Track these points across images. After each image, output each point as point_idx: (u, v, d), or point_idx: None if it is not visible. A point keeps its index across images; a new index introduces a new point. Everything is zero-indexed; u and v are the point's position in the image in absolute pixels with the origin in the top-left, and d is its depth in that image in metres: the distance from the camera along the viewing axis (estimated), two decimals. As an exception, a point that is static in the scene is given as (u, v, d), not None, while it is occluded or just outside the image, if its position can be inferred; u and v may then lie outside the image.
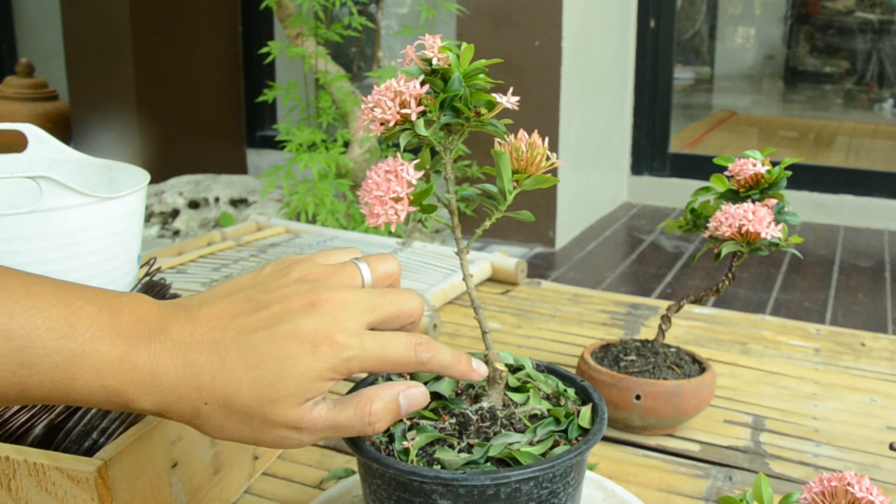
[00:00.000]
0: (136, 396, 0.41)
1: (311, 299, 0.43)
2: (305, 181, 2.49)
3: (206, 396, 0.42)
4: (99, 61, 3.37)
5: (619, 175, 3.52)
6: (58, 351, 0.40)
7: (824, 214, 3.27)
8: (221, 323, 0.43)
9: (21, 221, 0.56)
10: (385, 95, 0.47)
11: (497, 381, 0.51)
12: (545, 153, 0.51)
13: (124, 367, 0.41)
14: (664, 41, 3.45)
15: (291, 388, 0.42)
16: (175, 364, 0.42)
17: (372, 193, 0.47)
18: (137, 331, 0.42)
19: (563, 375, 0.55)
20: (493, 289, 1.16)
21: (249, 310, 0.44)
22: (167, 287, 0.70)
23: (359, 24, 2.58)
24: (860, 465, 0.73)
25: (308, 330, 0.42)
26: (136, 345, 0.41)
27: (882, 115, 4.30)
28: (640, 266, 2.73)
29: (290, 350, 0.42)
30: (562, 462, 0.45)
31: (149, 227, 3.04)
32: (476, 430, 0.48)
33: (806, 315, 2.28)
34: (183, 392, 0.42)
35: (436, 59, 0.48)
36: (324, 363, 0.42)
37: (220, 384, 0.42)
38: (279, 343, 0.42)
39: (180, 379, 0.42)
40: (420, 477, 0.43)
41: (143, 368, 0.41)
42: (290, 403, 0.42)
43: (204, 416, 0.42)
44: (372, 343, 0.43)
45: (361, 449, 0.46)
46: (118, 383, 0.41)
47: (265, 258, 1.18)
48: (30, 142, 0.73)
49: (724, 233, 0.69)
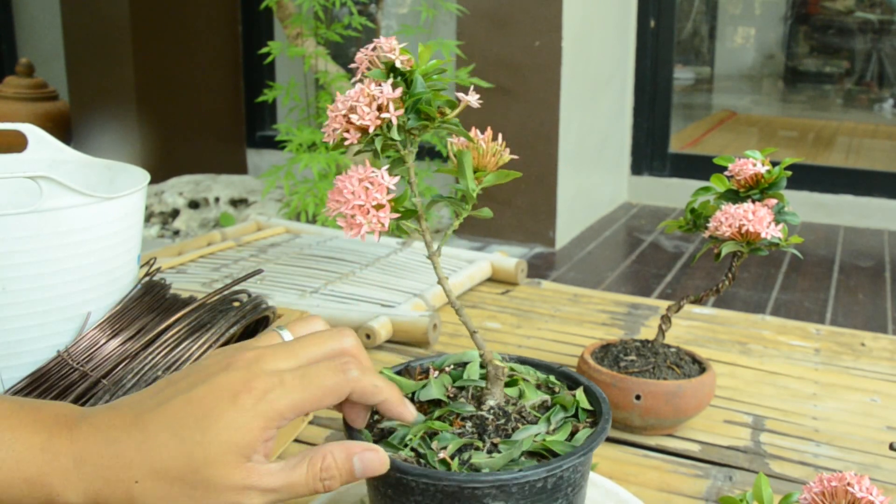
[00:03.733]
0: (60, 488, 0.40)
1: (227, 361, 0.43)
2: (305, 181, 2.49)
3: (135, 474, 0.40)
4: (99, 61, 3.37)
5: (619, 175, 3.52)
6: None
7: (824, 214, 3.27)
8: (141, 399, 0.42)
9: (21, 221, 0.56)
10: (360, 101, 0.46)
11: (498, 378, 0.51)
12: (501, 149, 0.51)
13: (46, 455, 0.40)
14: (664, 41, 3.45)
15: (222, 445, 0.40)
16: (98, 445, 0.40)
17: (350, 204, 0.46)
18: (59, 421, 0.41)
19: (537, 365, 0.56)
20: (493, 289, 1.16)
21: (167, 384, 0.43)
22: (167, 287, 0.70)
23: (359, 24, 2.58)
24: (860, 465, 0.73)
25: (224, 383, 0.41)
26: (57, 433, 0.41)
27: (882, 115, 4.30)
28: (640, 266, 2.73)
29: (208, 405, 0.40)
30: (595, 444, 0.47)
31: (149, 227, 3.04)
32: (495, 429, 0.49)
33: (806, 315, 2.28)
34: (110, 474, 0.40)
35: (398, 61, 0.47)
36: (248, 411, 0.40)
37: (146, 456, 0.40)
38: (196, 402, 0.41)
39: (105, 459, 0.40)
40: (477, 483, 0.43)
41: (66, 454, 0.40)
42: (228, 463, 0.40)
43: (139, 496, 0.40)
44: (292, 378, 0.42)
45: (402, 468, 0.44)
46: (40, 473, 0.40)
47: (265, 258, 1.18)
48: (30, 142, 0.73)
49: (724, 233, 0.69)
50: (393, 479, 0.45)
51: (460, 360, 0.55)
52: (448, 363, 0.55)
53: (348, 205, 0.46)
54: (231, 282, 0.68)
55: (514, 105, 2.84)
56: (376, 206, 0.46)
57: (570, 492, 0.47)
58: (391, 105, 0.46)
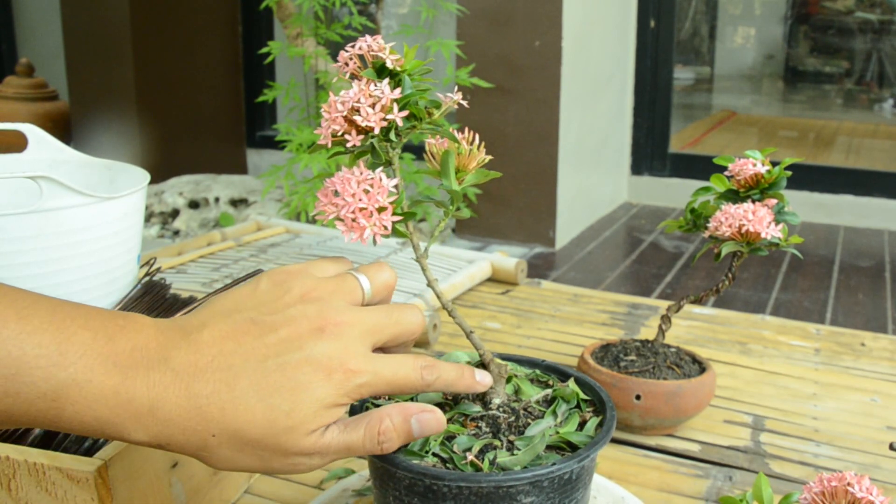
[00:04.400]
0: (131, 429, 0.40)
1: (319, 324, 0.42)
2: (305, 181, 2.49)
3: (214, 428, 0.40)
4: (99, 61, 3.37)
5: (619, 175, 3.52)
6: (46, 380, 0.38)
7: (824, 214, 3.27)
8: (226, 348, 0.41)
9: (21, 221, 0.56)
10: (363, 102, 0.45)
11: (501, 377, 0.52)
12: (481, 149, 0.51)
13: (119, 398, 0.39)
14: (664, 41, 3.45)
15: (307, 417, 0.41)
16: (178, 396, 0.40)
17: (351, 206, 0.45)
18: (134, 359, 0.40)
19: (520, 360, 0.57)
20: (493, 289, 1.16)
21: (255, 333, 0.42)
22: (167, 287, 0.70)
23: (359, 24, 2.58)
24: (860, 465, 0.73)
25: (320, 357, 0.41)
26: (132, 375, 0.39)
27: (882, 115, 4.30)
28: (640, 266, 2.73)
29: (303, 378, 0.41)
30: (612, 431, 0.48)
31: (149, 227, 3.04)
32: (508, 427, 0.49)
33: (806, 315, 2.28)
34: (188, 425, 0.40)
35: (389, 61, 0.47)
36: (338, 389, 0.42)
37: (230, 416, 0.40)
38: (292, 371, 0.41)
39: (184, 411, 0.40)
40: (514, 481, 0.44)
41: (141, 400, 0.39)
42: (306, 432, 0.41)
43: (211, 448, 0.41)
44: (384, 368, 0.43)
45: (438, 474, 0.44)
46: (112, 415, 0.39)
47: (265, 258, 1.18)
48: (30, 142, 0.73)
49: (724, 233, 0.69)
50: (421, 487, 0.45)
51: (448, 362, 0.55)
52: None
53: (349, 207, 0.45)
54: (231, 282, 0.68)
55: (515, 105, 2.84)
56: (378, 208, 0.46)
57: (587, 480, 0.48)
58: (395, 106, 0.46)
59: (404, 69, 0.47)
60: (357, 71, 0.48)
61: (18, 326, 0.38)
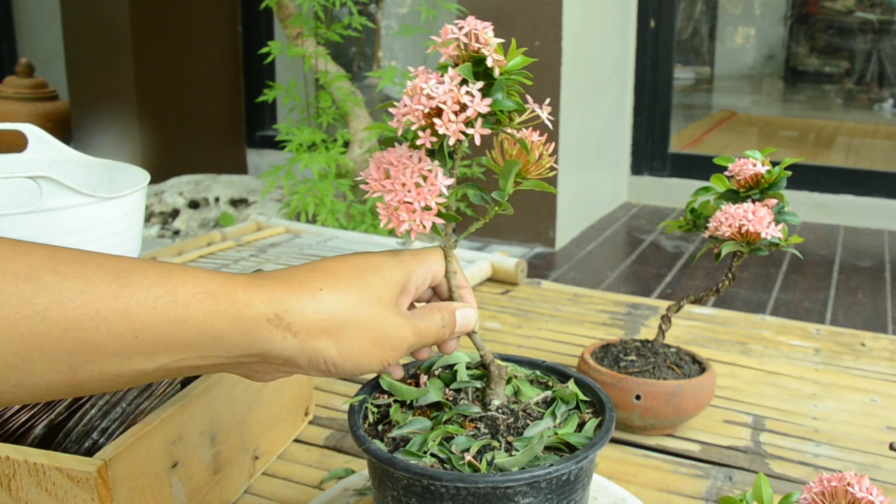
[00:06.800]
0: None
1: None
2: (305, 181, 2.49)
3: (322, 284, 0.45)
4: (99, 61, 3.37)
5: (619, 175, 3.52)
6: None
7: (824, 214, 3.27)
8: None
9: (21, 221, 0.56)
10: (448, 105, 0.42)
11: (501, 378, 0.52)
12: (551, 161, 0.50)
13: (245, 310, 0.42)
14: (664, 41, 3.45)
15: (393, 288, 0.47)
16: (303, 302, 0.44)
17: (399, 196, 0.43)
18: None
19: (520, 361, 0.57)
20: (493, 289, 1.16)
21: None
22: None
23: (359, 24, 2.58)
24: (860, 465, 0.73)
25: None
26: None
27: (882, 115, 4.30)
28: (640, 266, 2.73)
29: (378, 261, 0.47)
30: (611, 432, 0.48)
31: (149, 227, 3.04)
32: (507, 428, 0.49)
33: (806, 315, 2.28)
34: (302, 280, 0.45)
35: (491, 59, 0.43)
36: (406, 266, 0.48)
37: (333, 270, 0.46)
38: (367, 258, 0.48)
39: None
40: (511, 482, 0.44)
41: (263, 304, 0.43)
42: (397, 305, 0.47)
43: (321, 299, 0.44)
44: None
45: (435, 474, 0.44)
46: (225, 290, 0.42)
47: (265, 258, 1.18)
48: (30, 142, 0.73)
49: (724, 233, 0.69)
50: (419, 488, 0.45)
51: (446, 363, 0.55)
52: (436, 366, 0.55)
53: (396, 196, 0.43)
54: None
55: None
56: (424, 206, 0.43)
57: (586, 482, 0.48)
58: (479, 122, 0.42)
59: (504, 71, 0.44)
60: (455, 57, 0.44)
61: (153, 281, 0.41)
